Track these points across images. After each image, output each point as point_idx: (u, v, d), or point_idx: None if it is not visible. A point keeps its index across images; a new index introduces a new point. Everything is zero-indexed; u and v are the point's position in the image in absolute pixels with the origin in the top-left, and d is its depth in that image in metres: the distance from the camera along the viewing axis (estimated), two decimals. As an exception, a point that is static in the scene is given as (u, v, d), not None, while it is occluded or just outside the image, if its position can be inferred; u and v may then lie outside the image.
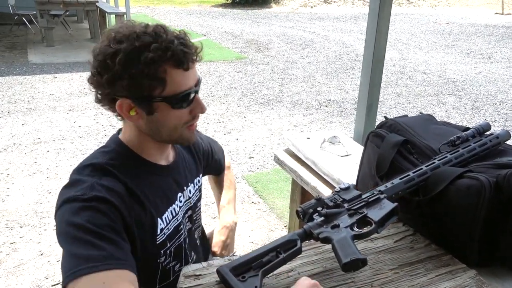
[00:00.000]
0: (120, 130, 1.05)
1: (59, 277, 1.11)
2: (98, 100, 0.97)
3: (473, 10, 17.95)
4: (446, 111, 5.27)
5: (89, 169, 0.93)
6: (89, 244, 0.80)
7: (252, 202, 3.06)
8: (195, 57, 0.95)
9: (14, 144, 3.90)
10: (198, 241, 1.22)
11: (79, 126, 4.36)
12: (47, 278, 2.23)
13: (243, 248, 2.51)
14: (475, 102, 5.66)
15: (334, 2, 17.76)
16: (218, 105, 5.22)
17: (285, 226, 2.76)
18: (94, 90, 0.95)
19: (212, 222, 2.70)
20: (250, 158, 3.78)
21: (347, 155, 1.71)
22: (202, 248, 1.27)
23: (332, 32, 11.40)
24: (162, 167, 1.05)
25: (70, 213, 0.84)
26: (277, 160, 1.86)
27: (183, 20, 12.41)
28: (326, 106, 5.31)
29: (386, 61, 8.06)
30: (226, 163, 1.46)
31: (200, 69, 6.33)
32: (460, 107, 5.44)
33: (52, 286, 2.19)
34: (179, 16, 13.44)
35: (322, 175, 1.62)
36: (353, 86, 6.27)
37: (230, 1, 16.64)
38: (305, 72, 7.05)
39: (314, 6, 17.30)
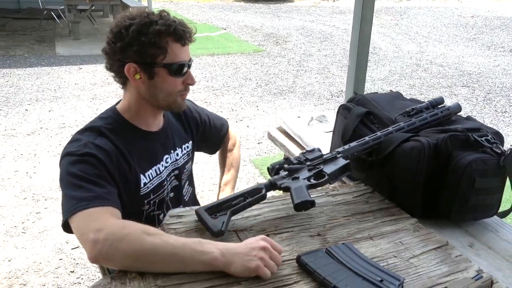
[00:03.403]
0: (118, 102, 1.26)
1: (77, 242, 1.31)
2: (108, 68, 1.19)
3: (501, 2, 17.56)
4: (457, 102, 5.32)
5: (88, 131, 1.15)
6: (81, 188, 1.02)
7: (257, 183, 3.25)
8: (190, 38, 1.18)
9: (41, 128, 4.21)
10: (186, 198, 1.42)
11: (101, 113, 4.65)
12: (67, 243, 2.50)
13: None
14: (488, 93, 5.68)
15: (357, -5, 17.66)
16: (233, 95, 5.43)
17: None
18: (106, 58, 1.17)
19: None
20: (258, 143, 3.98)
21: (331, 131, 1.88)
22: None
23: (352, 25, 11.42)
24: (151, 133, 1.25)
25: (68, 164, 1.07)
26: (270, 136, 2.04)
27: (205, 15, 12.66)
28: (338, 97, 5.44)
29: (403, 54, 8.11)
30: (230, 144, 1.60)
31: (217, 61, 6.55)
32: (472, 99, 5.48)
33: (72, 249, 2.45)
34: (201, 10, 13.71)
35: (306, 148, 1.80)
36: (367, 78, 6.36)
37: (252, -5, 16.80)
38: (320, 64, 7.18)
39: (336, -1, 17.27)
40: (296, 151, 1.84)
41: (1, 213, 2.80)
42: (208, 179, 3.26)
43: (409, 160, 1.18)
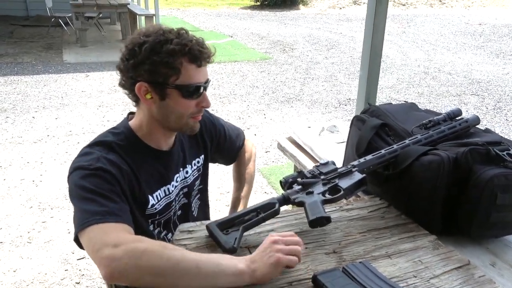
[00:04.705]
0: (129, 115, 1.22)
1: (83, 252, 1.28)
2: (121, 85, 1.15)
3: (508, 10, 17.46)
4: (467, 111, 5.26)
5: (99, 145, 1.11)
6: (95, 202, 0.98)
7: (265, 193, 3.21)
8: (208, 59, 1.12)
9: (48, 135, 4.20)
10: (195, 213, 1.38)
11: (108, 121, 4.63)
12: (73, 253, 2.46)
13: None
14: (498, 102, 5.62)
15: (364, 3, 17.64)
16: (240, 103, 5.41)
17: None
18: (119, 75, 1.13)
19: (227, 209, 2.86)
20: (266, 152, 3.94)
21: (343, 142, 1.84)
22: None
23: (359, 33, 11.38)
24: (162, 152, 1.21)
25: (79, 178, 1.02)
26: (280, 146, 2.01)
27: (212, 22, 12.68)
28: (345, 105, 5.40)
29: (411, 61, 8.06)
30: (246, 158, 1.54)
31: (224, 68, 6.53)
32: (481, 107, 5.42)
33: (78, 259, 2.42)
34: (208, 18, 13.74)
35: (318, 159, 1.76)
36: (375, 86, 6.32)
37: (258, 3, 16.82)
38: (327, 72, 7.15)
39: (343, 7, 17.26)
40: (307, 162, 1.80)
41: (6, 222, 2.77)
42: (216, 188, 3.22)
43: (428, 175, 1.13)
